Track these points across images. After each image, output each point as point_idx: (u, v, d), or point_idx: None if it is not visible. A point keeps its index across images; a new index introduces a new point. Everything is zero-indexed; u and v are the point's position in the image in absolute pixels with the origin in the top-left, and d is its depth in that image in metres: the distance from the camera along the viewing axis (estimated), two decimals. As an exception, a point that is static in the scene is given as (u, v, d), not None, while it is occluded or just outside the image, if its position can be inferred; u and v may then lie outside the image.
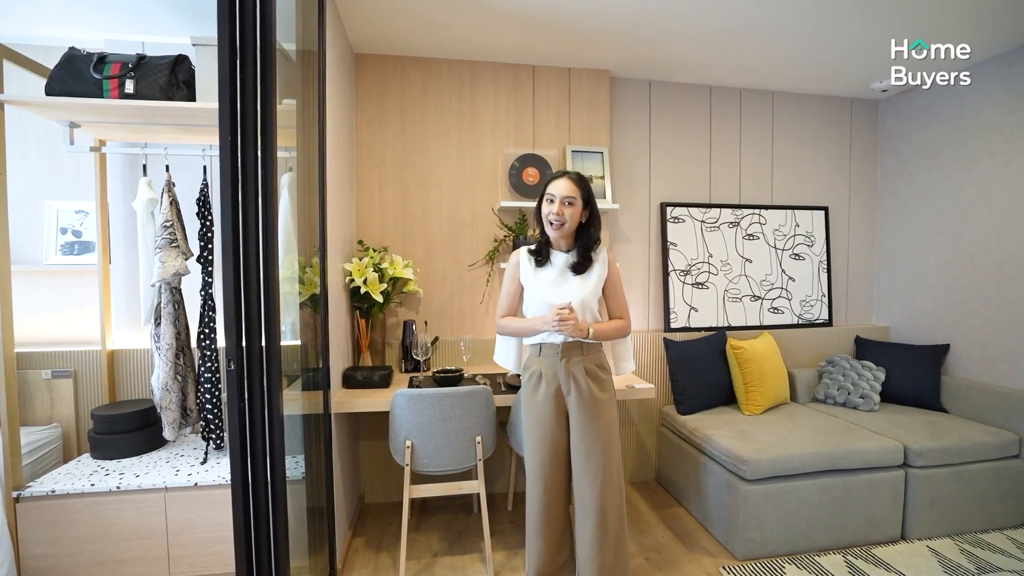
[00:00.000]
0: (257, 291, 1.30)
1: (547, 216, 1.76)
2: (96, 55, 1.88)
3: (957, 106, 2.81)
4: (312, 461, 1.95)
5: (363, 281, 2.32)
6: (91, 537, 1.88)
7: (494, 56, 2.65)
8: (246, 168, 1.27)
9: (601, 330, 1.76)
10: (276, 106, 1.33)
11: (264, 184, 1.31)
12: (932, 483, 2.29)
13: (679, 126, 3.03)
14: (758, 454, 2.15)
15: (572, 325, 1.67)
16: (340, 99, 2.29)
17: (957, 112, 2.81)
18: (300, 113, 1.85)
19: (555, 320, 1.66)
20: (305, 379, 1.93)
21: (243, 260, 1.27)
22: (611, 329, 1.80)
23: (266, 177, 1.31)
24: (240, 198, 1.26)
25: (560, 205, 1.72)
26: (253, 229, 1.28)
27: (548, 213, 1.75)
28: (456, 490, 2.09)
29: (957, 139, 2.82)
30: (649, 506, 2.67)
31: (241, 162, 1.26)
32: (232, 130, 1.22)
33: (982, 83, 2.67)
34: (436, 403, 1.98)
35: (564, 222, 1.74)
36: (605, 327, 1.78)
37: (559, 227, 1.75)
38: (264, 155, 1.31)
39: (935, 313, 2.96)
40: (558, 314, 1.66)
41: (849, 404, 2.80)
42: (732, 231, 3.09)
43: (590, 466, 1.70)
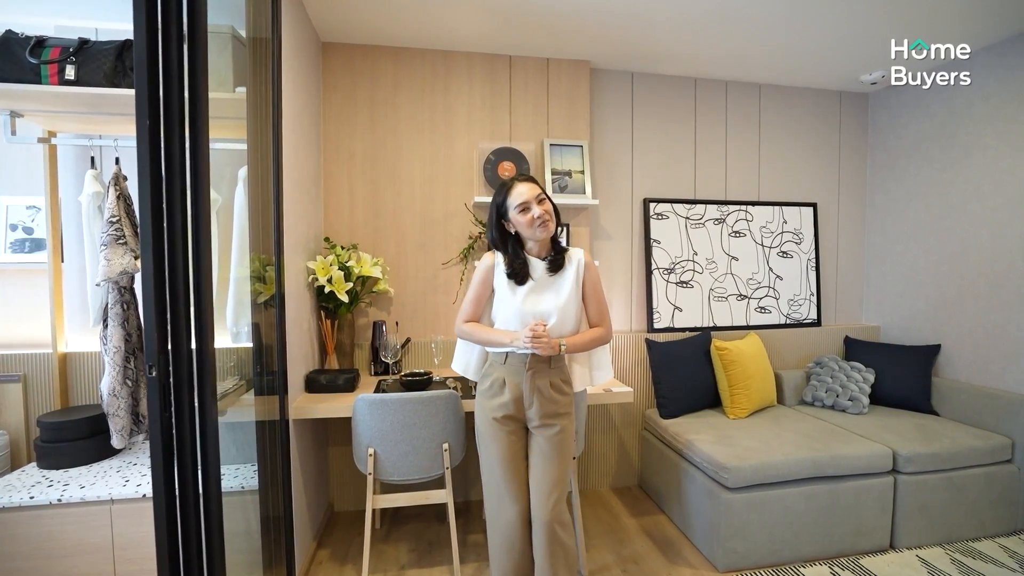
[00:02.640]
0: (186, 290, 1.19)
1: (532, 223, 1.62)
2: (34, 39, 1.76)
3: (948, 100, 2.72)
4: (268, 470, 1.84)
5: (328, 280, 2.22)
6: (31, 554, 1.76)
7: (469, 46, 2.55)
8: (172, 157, 1.16)
9: (575, 343, 1.66)
10: (207, 90, 1.22)
11: (195, 174, 1.20)
12: (922, 490, 2.20)
13: (663, 119, 2.93)
14: (741, 461, 2.05)
15: (545, 343, 1.56)
16: (304, 90, 2.18)
17: (948, 106, 2.73)
18: (252, 103, 1.74)
19: (527, 338, 1.55)
20: (260, 383, 1.83)
21: (170, 257, 1.16)
22: (587, 340, 1.70)
23: (196, 167, 1.20)
24: (164, 188, 1.15)
25: (538, 205, 1.62)
26: (180, 222, 1.17)
27: (533, 219, 1.61)
28: (423, 500, 1.98)
29: (948, 133, 2.73)
30: (630, 513, 2.57)
31: (166, 150, 1.15)
32: (153, 114, 1.11)
33: (974, 74, 2.58)
34: (399, 408, 1.87)
35: (551, 219, 1.64)
36: (579, 340, 1.67)
37: (548, 225, 1.63)
38: (194, 143, 1.20)
39: (926, 312, 2.87)
40: (532, 331, 1.56)
41: (838, 407, 2.70)
42: (718, 228, 3.00)
43: (548, 478, 1.61)
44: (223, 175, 2.03)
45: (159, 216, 1.13)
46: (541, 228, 1.62)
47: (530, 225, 1.62)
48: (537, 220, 1.61)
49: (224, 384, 1.90)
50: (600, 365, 1.81)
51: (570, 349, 1.64)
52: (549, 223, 1.63)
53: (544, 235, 1.65)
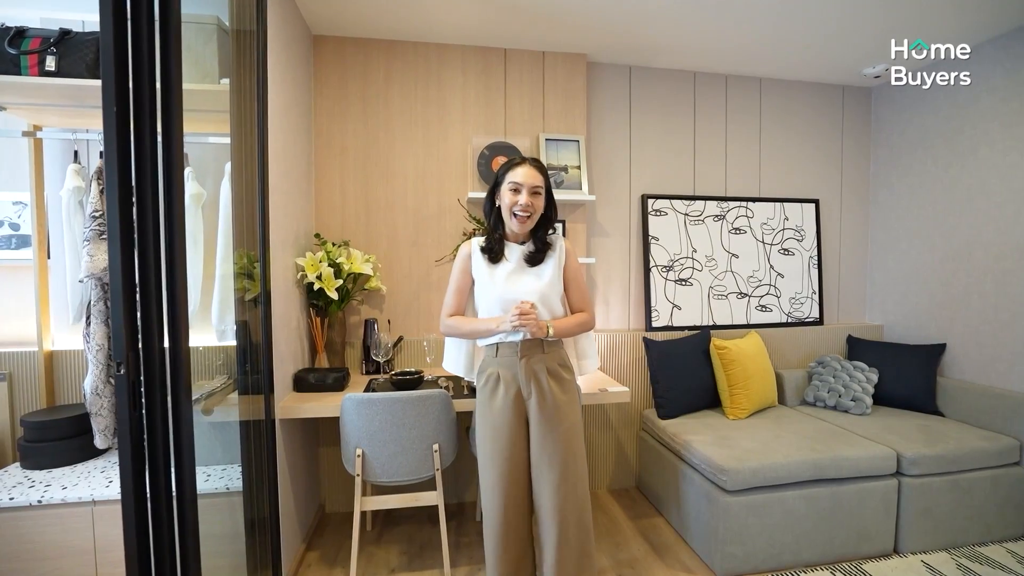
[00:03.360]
0: (158, 286, 1.15)
1: (512, 208, 1.59)
2: (14, 29, 1.72)
3: (953, 93, 2.66)
4: (253, 471, 1.79)
5: (317, 277, 2.17)
6: (11, 555, 1.72)
7: (463, 38, 2.50)
8: (143, 147, 1.11)
9: (562, 326, 1.62)
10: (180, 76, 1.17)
11: (168, 165, 1.16)
12: (927, 492, 2.13)
13: (661, 114, 2.87)
14: (740, 463, 2.00)
15: (533, 321, 1.52)
16: (293, 83, 2.13)
17: (953, 100, 2.66)
18: (236, 95, 1.70)
19: (515, 316, 1.51)
20: (246, 382, 1.78)
21: (141, 250, 1.12)
22: (573, 324, 1.65)
23: (169, 157, 1.16)
24: (136, 179, 1.10)
25: (528, 195, 1.57)
26: (153, 215, 1.13)
27: (514, 204, 1.58)
28: (413, 502, 1.94)
29: (953, 128, 2.66)
30: (627, 516, 2.51)
31: (137, 140, 1.10)
32: (121, 101, 1.06)
33: (979, 67, 2.52)
34: (388, 408, 1.82)
35: (531, 214, 1.59)
36: (566, 323, 1.64)
37: (526, 220, 1.59)
38: (167, 132, 1.16)
39: (930, 311, 2.81)
40: (519, 308, 1.52)
41: (840, 407, 2.64)
42: (717, 225, 2.94)
43: (552, 475, 1.54)
44: (209, 169, 1.99)
45: (127, 207, 1.08)
46: (517, 219, 1.59)
47: (510, 208, 1.59)
48: (518, 207, 1.58)
49: (211, 383, 1.87)
50: (587, 353, 1.78)
51: (558, 332, 1.60)
52: (526, 221, 1.59)
53: (517, 227, 1.61)
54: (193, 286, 1.86)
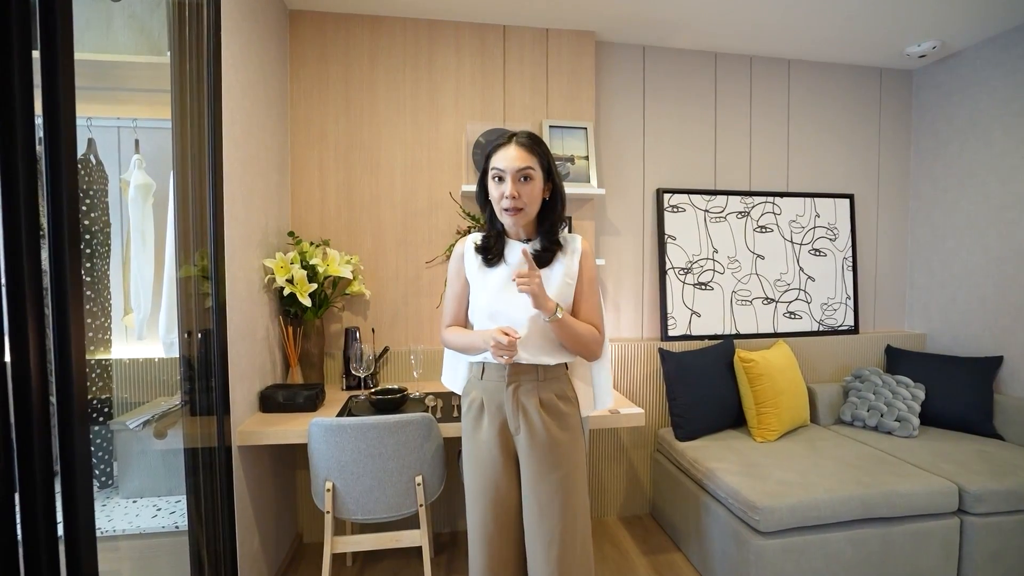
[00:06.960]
0: (36, 288, 0.89)
1: (497, 200, 1.30)
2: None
3: (1011, 71, 2.34)
4: (204, 505, 1.53)
5: (288, 280, 1.91)
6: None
7: (457, 13, 2.23)
8: (13, 121, 0.86)
9: (571, 321, 1.29)
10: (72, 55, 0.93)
11: (52, 156, 0.91)
12: (994, 534, 1.82)
13: (679, 99, 2.59)
14: (774, 500, 1.70)
15: (509, 352, 1.22)
16: (261, 62, 1.88)
17: (1010, 77, 2.35)
18: (177, 73, 1.44)
19: (493, 340, 1.22)
20: (194, 403, 1.53)
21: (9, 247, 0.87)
22: (583, 330, 1.31)
23: (55, 147, 0.91)
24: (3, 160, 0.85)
25: (514, 183, 1.26)
26: (29, 214, 0.88)
27: (498, 196, 1.29)
28: (393, 543, 1.67)
29: (1012, 111, 2.35)
30: (640, 550, 2.23)
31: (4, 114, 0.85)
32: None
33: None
34: (361, 436, 1.55)
35: (522, 207, 1.28)
36: (575, 323, 1.31)
37: (516, 214, 1.29)
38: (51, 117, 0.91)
39: (984, 318, 2.49)
40: (500, 334, 1.21)
41: (882, 428, 2.34)
42: (741, 222, 2.64)
43: (545, 528, 1.26)
44: (158, 158, 1.74)
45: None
46: (508, 214, 1.29)
47: (497, 203, 1.30)
48: (506, 201, 1.27)
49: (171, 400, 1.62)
50: (602, 385, 1.47)
51: (564, 325, 1.27)
52: (517, 215, 1.28)
53: (507, 221, 1.32)
54: (143, 289, 1.62)
